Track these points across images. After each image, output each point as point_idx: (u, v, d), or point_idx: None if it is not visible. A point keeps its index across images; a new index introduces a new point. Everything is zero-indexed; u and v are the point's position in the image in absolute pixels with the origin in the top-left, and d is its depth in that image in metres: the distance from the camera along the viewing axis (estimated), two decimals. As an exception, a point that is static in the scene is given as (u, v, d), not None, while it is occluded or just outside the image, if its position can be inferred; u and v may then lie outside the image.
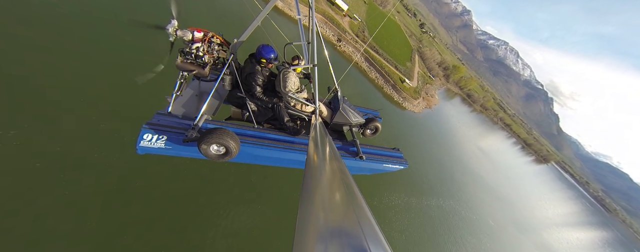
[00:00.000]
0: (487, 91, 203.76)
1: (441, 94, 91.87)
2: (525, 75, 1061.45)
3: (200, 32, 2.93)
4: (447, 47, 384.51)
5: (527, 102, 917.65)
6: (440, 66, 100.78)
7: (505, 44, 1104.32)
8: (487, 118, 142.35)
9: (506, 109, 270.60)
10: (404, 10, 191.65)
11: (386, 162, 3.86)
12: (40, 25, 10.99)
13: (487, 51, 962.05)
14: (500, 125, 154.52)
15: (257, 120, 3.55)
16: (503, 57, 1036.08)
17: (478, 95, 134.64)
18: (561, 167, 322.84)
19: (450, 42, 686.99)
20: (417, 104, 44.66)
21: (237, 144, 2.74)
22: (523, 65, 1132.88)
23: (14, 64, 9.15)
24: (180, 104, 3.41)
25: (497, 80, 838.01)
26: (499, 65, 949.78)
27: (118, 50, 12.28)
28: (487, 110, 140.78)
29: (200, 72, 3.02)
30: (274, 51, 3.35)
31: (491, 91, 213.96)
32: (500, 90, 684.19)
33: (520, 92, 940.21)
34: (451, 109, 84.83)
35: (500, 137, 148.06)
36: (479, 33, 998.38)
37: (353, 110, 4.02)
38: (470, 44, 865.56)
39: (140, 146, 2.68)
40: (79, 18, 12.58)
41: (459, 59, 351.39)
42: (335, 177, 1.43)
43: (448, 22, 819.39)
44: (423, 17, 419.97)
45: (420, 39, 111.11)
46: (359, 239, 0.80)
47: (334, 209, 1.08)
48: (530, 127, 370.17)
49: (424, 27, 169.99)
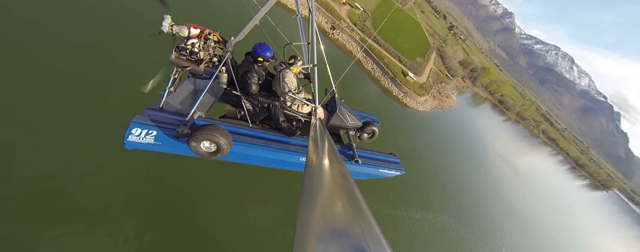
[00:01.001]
0: (528, 99, 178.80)
1: (466, 99, 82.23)
2: (582, 85, 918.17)
3: (197, 29, 2.91)
4: (482, 51, 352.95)
5: (584, 117, 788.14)
6: (466, 68, 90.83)
7: (556, 49, 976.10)
8: (525, 129, 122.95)
9: (553, 122, 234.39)
10: (431, 11, 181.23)
11: (382, 167, 3.76)
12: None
13: (532, 57, 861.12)
14: (542, 139, 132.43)
15: (252, 120, 3.46)
16: (552, 63, 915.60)
17: (514, 103, 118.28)
18: (628, 196, 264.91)
19: (486, 47, 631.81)
20: (423, 102, 39.44)
21: (228, 142, 2.66)
22: (579, 73, 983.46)
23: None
24: (173, 100, 3.29)
25: (543, 90, 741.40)
26: (546, 72, 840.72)
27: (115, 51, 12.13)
28: (525, 120, 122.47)
29: (194, 68, 2.99)
30: (270, 50, 3.28)
31: (534, 100, 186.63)
32: (547, 101, 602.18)
33: (574, 104, 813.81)
34: (474, 115, 74.80)
35: (541, 153, 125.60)
36: (522, 37, 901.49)
37: (350, 113, 3.95)
38: (511, 49, 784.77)
39: (128, 140, 2.59)
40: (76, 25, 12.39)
41: (496, 65, 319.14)
42: (335, 177, 1.41)
43: (485, 26, 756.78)
44: (455, 20, 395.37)
45: (445, 38, 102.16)
46: (359, 239, 0.80)
47: (334, 209, 1.07)
48: (586, 145, 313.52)
49: (453, 29, 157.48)
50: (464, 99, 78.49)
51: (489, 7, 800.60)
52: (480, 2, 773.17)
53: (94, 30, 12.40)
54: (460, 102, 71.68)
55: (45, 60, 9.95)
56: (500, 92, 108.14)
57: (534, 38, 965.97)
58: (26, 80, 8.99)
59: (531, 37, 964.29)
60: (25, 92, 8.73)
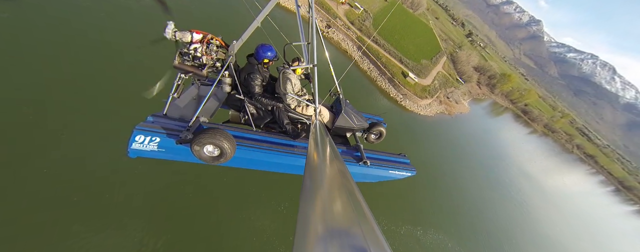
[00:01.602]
0: (559, 111, 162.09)
1: (483, 108, 76.00)
2: (627, 97, 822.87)
3: (199, 34, 2.93)
4: (505, 59, 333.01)
5: (630, 132, 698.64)
6: (483, 74, 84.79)
7: (594, 58, 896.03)
8: (555, 143, 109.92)
9: (592, 137, 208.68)
10: (448, 18, 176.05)
11: (392, 169, 3.62)
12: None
13: (565, 66, 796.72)
14: (577, 155, 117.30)
15: (256, 124, 3.41)
16: (589, 73, 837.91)
17: (541, 113, 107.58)
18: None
19: (511, 55, 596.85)
20: (426, 106, 36.32)
21: (232, 145, 2.64)
22: (623, 84, 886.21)
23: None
24: (177, 106, 3.30)
25: (579, 102, 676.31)
26: (582, 83, 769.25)
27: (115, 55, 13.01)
28: (555, 133, 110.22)
29: (197, 73, 3.00)
30: (273, 50, 3.29)
31: (568, 112, 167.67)
32: (583, 114, 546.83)
33: (617, 118, 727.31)
34: (494, 125, 68.33)
35: (577, 171, 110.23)
36: (552, 45, 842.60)
37: (356, 114, 3.84)
38: (540, 57, 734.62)
39: (131, 148, 2.60)
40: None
41: (522, 74, 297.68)
42: (336, 177, 1.42)
43: (509, 34, 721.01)
44: (475, 29, 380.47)
45: (461, 44, 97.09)
46: (359, 239, 0.80)
47: (334, 209, 1.06)
48: (635, 166, 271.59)
49: (471, 36, 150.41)
50: (481, 108, 72.39)
51: (513, 15, 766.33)
52: (503, 10, 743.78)
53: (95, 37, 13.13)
54: (477, 110, 66.12)
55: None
56: (523, 101, 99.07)
57: (566, 46, 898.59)
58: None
59: (563, 45, 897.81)
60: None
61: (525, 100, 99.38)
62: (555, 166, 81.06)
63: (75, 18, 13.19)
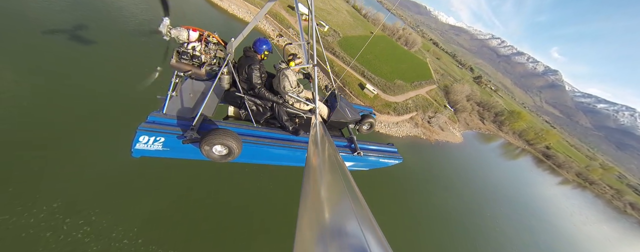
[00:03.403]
0: (598, 162, 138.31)
1: (498, 146, 66.40)
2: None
3: (196, 31, 2.91)
4: (525, 106, 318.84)
5: None
6: (488, 110, 77.18)
7: (630, 109, 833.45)
8: (597, 198, 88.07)
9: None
10: (453, 61, 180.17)
11: (382, 157, 3.98)
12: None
13: (598, 117, 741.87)
14: (632, 215, 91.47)
15: (256, 120, 3.56)
16: (630, 126, 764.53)
17: (569, 160, 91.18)
18: None
19: (531, 103, 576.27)
20: (392, 124, 30.06)
21: (239, 144, 2.76)
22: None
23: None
24: (175, 105, 3.36)
25: (624, 156, 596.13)
26: (623, 135, 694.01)
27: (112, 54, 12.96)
28: (593, 184, 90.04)
29: (196, 72, 3.03)
30: (269, 44, 3.37)
31: (612, 166, 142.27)
32: (635, 170, 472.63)
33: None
34: (512, 168, 56.87)
35: (636, 235, 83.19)
36: (577, 94, 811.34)
37: (349, 108, 4.15)
38: (565, 106, 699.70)
39: (135, 148, 2.64)
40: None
41: (547, 122, 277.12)
42: (336, 177, 1.43)
43: (526, 82, 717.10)
44: (487, 75, 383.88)
45: (460, 78, 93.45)
46: (359, 239, 0.80)
47: (334, 209, 1.08)
48: None
49: (480, 79, 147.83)
50: (487, 147, 62.35)
51: (526, 64, 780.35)
52: (515, 60, 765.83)
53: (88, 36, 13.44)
54: (478, 145, 56.57)
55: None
56: (542, 143, 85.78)
57: (593, 96, 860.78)
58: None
59: (589, 95, 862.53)
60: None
61: (544, 142, 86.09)
62: (607, 226, 61.50)
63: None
